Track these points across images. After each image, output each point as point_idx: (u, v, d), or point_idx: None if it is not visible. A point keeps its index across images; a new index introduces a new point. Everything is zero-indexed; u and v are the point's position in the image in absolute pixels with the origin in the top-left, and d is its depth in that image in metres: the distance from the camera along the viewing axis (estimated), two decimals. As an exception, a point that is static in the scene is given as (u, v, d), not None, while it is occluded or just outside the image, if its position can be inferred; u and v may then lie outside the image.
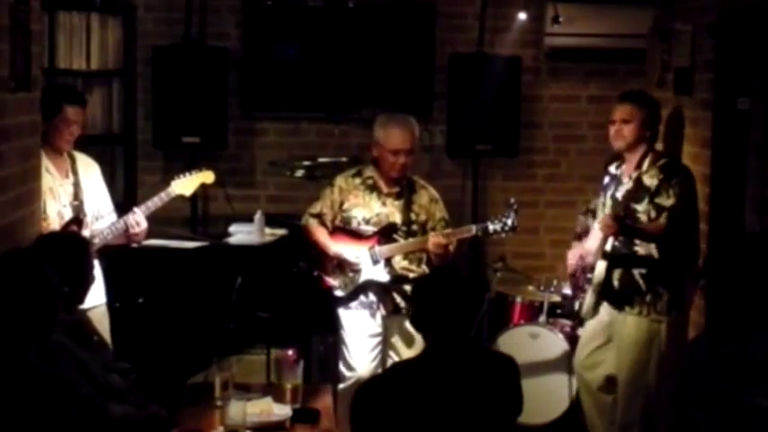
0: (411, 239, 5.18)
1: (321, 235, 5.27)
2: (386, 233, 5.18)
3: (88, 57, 6.34)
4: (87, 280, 4.16)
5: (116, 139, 6.46)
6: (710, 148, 5.19)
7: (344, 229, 5.24)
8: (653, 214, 4.99)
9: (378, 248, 5.16)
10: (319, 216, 5.29)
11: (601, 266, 5.05)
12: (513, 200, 5.19)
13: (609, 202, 5.17)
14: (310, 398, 4.41)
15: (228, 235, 6.14)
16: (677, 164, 5.26)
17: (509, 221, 5.09)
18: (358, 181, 5.27)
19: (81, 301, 4.18)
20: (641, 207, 5.00)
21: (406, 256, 5.22)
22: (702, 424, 3.20)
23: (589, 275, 5.12)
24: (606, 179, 5.27)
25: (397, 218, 5.20)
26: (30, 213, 4.47)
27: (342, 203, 5.26)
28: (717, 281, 4.89)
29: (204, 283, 5.86)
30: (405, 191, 5.25)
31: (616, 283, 5.08)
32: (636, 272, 5.04)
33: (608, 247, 5.05)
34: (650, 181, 5.02)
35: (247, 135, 6.72)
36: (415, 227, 5.21)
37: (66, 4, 6.25)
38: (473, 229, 5.18)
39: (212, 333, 5.71)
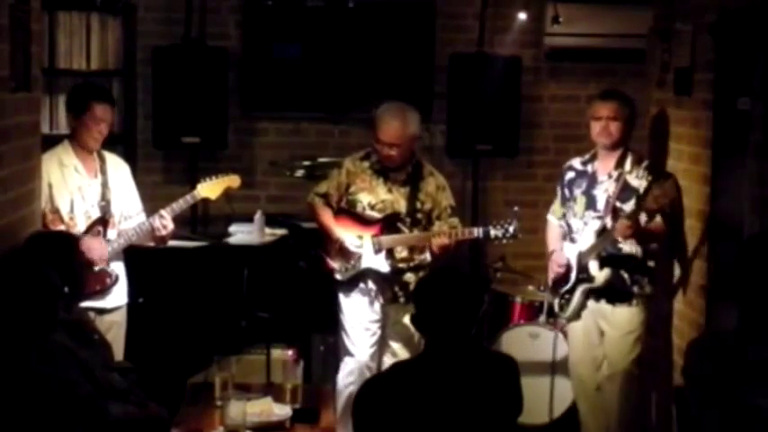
0: (415, 233, 5.18)
1: (326, 216, 5.27)
2: (390, 222, 5.18)
3: (88, 57, 6.34)
4: (81, 277, 4.16)
5: (116, 139, 6.43)
6: (710, 148, 5.19)
7: (349, 212, 5.24)
8: (643, 216, 5.00)
9: (381, 238, 5.16)
10: (325, 196, 5.29)
11: (597, 269, 5.08)
12: (516, 208, 5.25)
13: (583, 199, 5.19)
14: (310, 398, 4.42)
15: (228, 235, 6.14)
16: (661, 166, 5.35)
17: (511, 229, 5.12)
18: (366, 164, 5.26)
19: (79, 299, 4.18)
20: (627, 207, 5.03)
21: (407, 248, 5.23)
22: (702, 424, 3.21)
23: (581, 275, 5.14)
24: (570, 174, 5.31)
25: (402, 206, 5.20)
26: (30, 213, 4.47)
27: (348, 186, 5.25)
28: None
29: (204, 283, 5.86)
30: (411, 177, 5.24)
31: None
32: None
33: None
34: (637, 182, 5.08)
35: (247, 135, 6.72)
36: (419, 215, 5.21)
37: (66, 4, 6.25)
38: (475, 231, 5.20)
39: (213, 333, 5.71)
